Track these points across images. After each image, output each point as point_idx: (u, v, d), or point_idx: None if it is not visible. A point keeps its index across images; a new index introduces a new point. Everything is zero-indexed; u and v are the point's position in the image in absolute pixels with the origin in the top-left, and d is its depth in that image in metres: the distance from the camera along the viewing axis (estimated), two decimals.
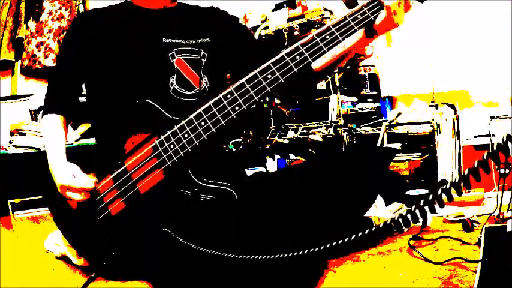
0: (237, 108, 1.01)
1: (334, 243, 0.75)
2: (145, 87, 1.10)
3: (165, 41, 1.15)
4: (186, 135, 1.02)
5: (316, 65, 1.12)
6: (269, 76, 1.00)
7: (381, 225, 0.68)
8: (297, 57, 0.99)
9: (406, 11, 1.01)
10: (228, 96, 1.01)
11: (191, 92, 1.15)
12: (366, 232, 0.70)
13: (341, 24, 0.99)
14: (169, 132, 1.03)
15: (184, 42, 1.17)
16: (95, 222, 1.06)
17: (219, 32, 1.23)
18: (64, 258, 1.27)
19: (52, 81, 1.24)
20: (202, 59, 1.18)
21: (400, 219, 0.66)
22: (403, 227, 0.66)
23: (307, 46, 1.00)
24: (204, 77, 1.17)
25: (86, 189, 1.04)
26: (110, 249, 1.06)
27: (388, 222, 0.67)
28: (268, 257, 0.84)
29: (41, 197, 1.18)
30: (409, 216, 0.65)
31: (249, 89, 1.00)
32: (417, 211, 0.64)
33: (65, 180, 1.04)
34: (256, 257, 0.85)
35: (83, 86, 1.24)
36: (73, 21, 1.26)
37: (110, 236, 1.06)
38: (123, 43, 1.13)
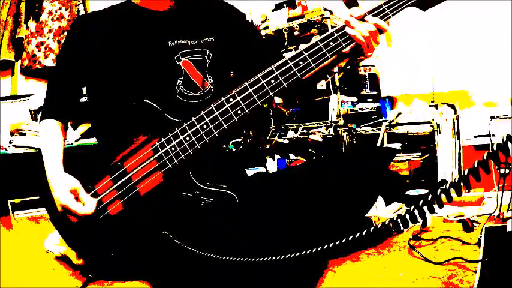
0: (239, 112, 1.01)
1: (332, 245, 0.75)
2: (152, 92, 1.09)
3: (171, 44, 1.13)
4: (188, 138, 1.02)
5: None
6: (272, 81, 1.00)
7: (379, 226, 0.68)
8: (300, 62, 1.01)
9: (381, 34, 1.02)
10: (231, 99, 1.01)
11: (197, 94, 1.13)
12: (364, 233, 0.70)
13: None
14: (170, 135, 1.03)
15: (189, 43, 1.15)
16: (94, 223, 1.05)
17: (224, 29, 1.20)
18: (64, 258, 1.27)
19: (51, 85, 1.21)
20: (207, 60, 1.16)
21: (399, 220, 0.66)
22: (402, 228, 0.66)
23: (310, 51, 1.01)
24: (210, 77, 1.16)
25: (87, 215, 1.02)
26: (109, 250, 1.05)
27: (386, 223, 0.67)
28: (268, 258, 0.84)
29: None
30: (407, 216, 0.65)
31: (252, 93, 1.00)
32: (416, 212, 0.64)
33: (66, 201, 1.01)
34: (256, 258, 0.85)
35: (84, 88, 1.24)
36: (72, 26, 1.24)
37: (108, 237, 1.05)
38: (127, 48, 1.12)
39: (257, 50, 1.24)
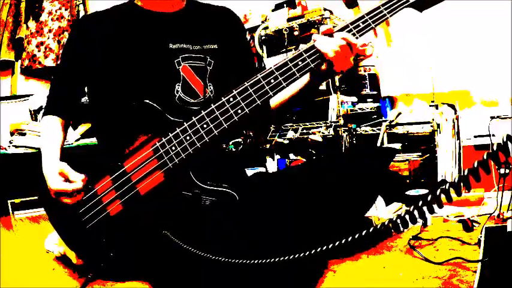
0: (239, 111, 1.01)
1: (332, 246, 0.75)
2: (151, 94, 1.08)
3: (172, 47, 1.13)
4: (188, 138, 1.02)
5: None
6: (272, 81, 1.01)
7: (378, 226, 0.68)
8: (300, 63, 1.01)
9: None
10: (231, 99, 1.01)
11: (196, 100, 1.13)
12: (364, 233, 0.70)
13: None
14: (171, 135, 1.03)
15: (191, 48, 1.15)
16: (93, 223, 1.05)
17: (228, 40, 1.21)
18: (64, 258, 1.27)
19: (53, 84, 1.24)
20: (208, 67, 1.16)
21: (399, 220, 0.66)
22: (402, 228, 0.66)
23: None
24: (210, 85, 1.16)
25: (76, 190, 1.02)
26: (108, 250, 1.05)
27: (386, 223, 0.67)
28: (267, 259, 0.84)
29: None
30: (407, 217, 0.65)
31: (252, 93, 1.01)
32: (416, 212, 0.64)
33: (56, 184, 1.02)
34: (256, 259, 0.85)
35: (85, 88, 1.24)
36: (73, 26, 1.25)
37: (108, 237, 1.05)
38: (127, 48, 1.12)
39: (246, 69, 1.25)
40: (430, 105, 2.44)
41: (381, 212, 1.51)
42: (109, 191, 1.04)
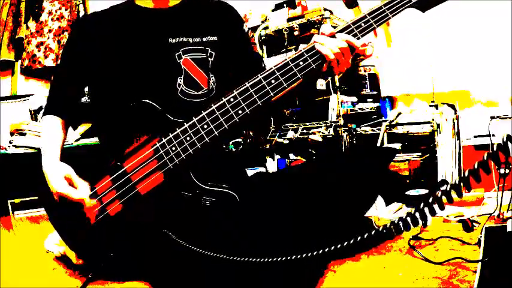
0: (240, 112, 1.01)
1: (333, 247, 0.75)
2: (153, 90, 1.09)
3: (171, 42, 1.14)
4: (189, 138, 1.02)
5: None
6: (273, 81, 1.01)
7: (380, 229, 0.68)
8: (301, 63, 1.02)
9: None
10: (232, 100, 1.01)
11: (199, 93, 1.14)
12: (366, 236, 0.70)
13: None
14: (171, 135, 1.03)
15: (191, 41, 1.15)
16: (93, 223, 1.05)
17: (227, 31, 1.21)
18: (64, 258, 1.27)
19: (53, 84, 1.24)
20: (210, 58, 1.16)
21: (401, 223, 0.66)
22: (404, 230, 0.66)
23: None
24: (212, 76, 1.16)
25: (80, 199, 1.01)
26: (108, 250, 1.05)
27: (388, 226, 0.67)
28: (267, 259, 0.84)
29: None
30: (409, 219, 0.65)
31: (253, 93, 1.01)
32: (417, 214, 0.64)
33: (61, 188, 1.01)
34: (256, 259, 0.86)
35: (85, 88, 1.24)
36: (73, 26, 1.25)
37: (108, 237, 1.05)
38: (127, 46, 1.12)
39: (247, 59, 1.26)
40: (430, 105, 2.44)
41: (381, 212, 1.52)
42: (109, 191, 1.04)
